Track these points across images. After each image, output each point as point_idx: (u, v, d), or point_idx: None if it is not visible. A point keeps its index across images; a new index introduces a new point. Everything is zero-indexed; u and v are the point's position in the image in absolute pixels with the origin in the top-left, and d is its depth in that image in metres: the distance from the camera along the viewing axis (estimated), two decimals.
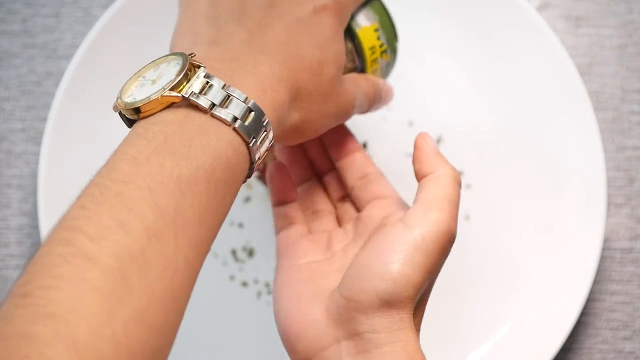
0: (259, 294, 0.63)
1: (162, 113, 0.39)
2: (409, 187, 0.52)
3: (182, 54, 0.41)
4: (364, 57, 0.51)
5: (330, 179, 0.53)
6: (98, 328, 0.32)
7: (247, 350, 0.62)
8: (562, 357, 0.63)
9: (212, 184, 0.38)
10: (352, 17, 0.50)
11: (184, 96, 0.39)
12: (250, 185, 0.64)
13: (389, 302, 0.41)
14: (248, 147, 0.40)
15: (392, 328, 0.41)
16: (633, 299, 0.64)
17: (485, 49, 0.65)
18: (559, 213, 0.62)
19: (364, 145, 0.65)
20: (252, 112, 0.40)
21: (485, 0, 0.65)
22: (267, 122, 0.41)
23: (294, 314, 0.45)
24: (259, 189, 0.64)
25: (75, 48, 0.67)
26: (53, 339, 0.31)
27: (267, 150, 0.42)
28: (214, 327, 0.62)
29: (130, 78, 0.42)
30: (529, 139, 0.64)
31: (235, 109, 0.40)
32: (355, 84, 0.49)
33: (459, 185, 0.45)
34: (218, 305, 0.63)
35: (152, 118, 0.39)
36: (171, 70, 0.41)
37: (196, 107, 0.39)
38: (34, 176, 0.66)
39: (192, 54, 0.42)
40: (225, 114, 0.39)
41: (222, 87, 0.40)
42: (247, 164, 0.41)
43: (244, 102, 0.40)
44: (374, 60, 0.51)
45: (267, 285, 0.63)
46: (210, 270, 0.63)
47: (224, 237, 0.60)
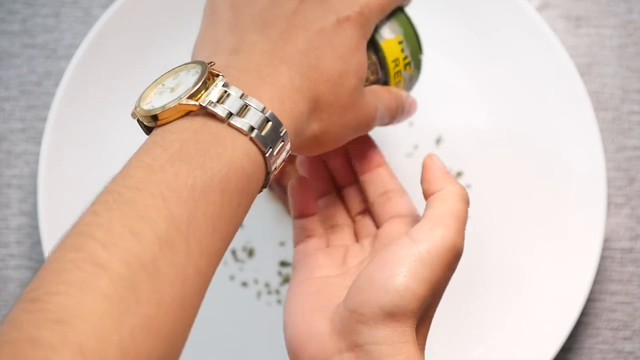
0: (259, 294, 0.63)
1: (179, 121, 0.39)
2: (408, 187, 0.52)
3: (201, 63, 0.41)
4: (387, 69, 0.50)
5: (350, 192, 0.53)
6: (105, 335, 0.32)
7: (247, 350, 0.62)
8: (562, 357, 0.63)
9: (227, 193, 0.37)
10: (376, 29, 0.50)
11: (201, 105, 0.39)
12: None
13: (392, 315, 0.41)
14: (264, 157, 0.40)
15: (394, 341, 0.41)
16: (633, 299, 0.64)
17: (485, 49, 0.65)
18: (559, 213, 0.62)
19: None
20: (269, 122, 0.40)
21: (485, 0, 0.65)
22: (284, 133, 0.41)
23: (299, 325, 0.45)
24: None
25: (75, 48, 0.67)
26: (60, 345, 0.31)
27: (284, 160, 0.42)
28: (214, 327, 0.62)
29: (149, 85, 0.42)
30: (529, 139, 0.64)
31: (252, 118, 0.39)
32: (377, 96, 0.49)
33: (466, 203, 0.45)
34: (218, 305, 0.63)
35: (169, 126, 0.39)
36: (190, 78, 0.41)
37: (213, 116, 0.39)
38: (34, 176, 0.66)
39: (212, 62, 0.42)
40: (242, 124, 0.39)
41: (240, 97, 0.40)
42: (263, 174, 0.41)
43: (261, 111, 0.40)
44: (397, 73, 0.51)
45: (267, 285, 0.63)
46: None
47: None
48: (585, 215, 0.61)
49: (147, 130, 0.41)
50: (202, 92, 0.39)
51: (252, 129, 0.39)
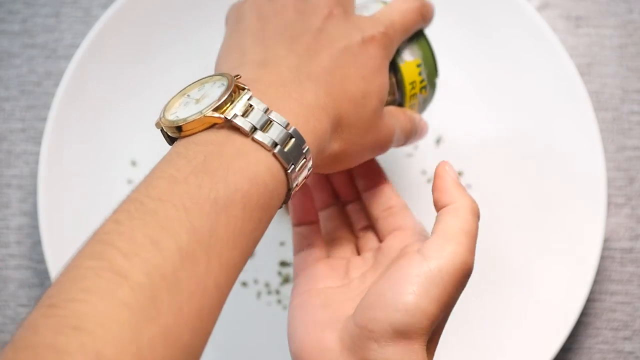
0: (258, 294, 0.63)
1: (203, 133, 0.39)
2: (408, 188, 0.52)
3: (227, 75, 0.41)
4: (404, 91, 0.50)
5: (353, 209, 0.53)
6: (123, 344, 0.32)
7: (247, 350, 0.62)
8: (562, 357, 0.63)
9: (248, 208, 0.38)
10: (397, 51, 0.50)
11: (226, 118, 0.39)
12: None
13: (402, 333, 0.41)
14: (286, 174, 0.40)
15: (404, 358, 0.41)
16: (633, 299, 0.64)
17: (485, 49, 0.65)
18: (559, 213, 0.62)
19: None
20: (292, 139, 0.40)
21: (485, 0, 0.65)
22: (307, 150, 0.41)
23: (307, 340, 0.45)
24: None
25: (75, 48, 0.67)
26: (77, 351, 0.31)
27: (306, 178, 0.42)
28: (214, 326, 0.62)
29: (174, 96, 0.42)
30: (529, 139, 0.64)
31: (275, 134, 0.39)
32: (395, 117, 0.49)
33: (477, 218, 0.44)
34: None
35: (193, 137, 0.39)
36: (216, 90, 0.41)
37: (237, 130, 0.39)
38: (34, 176, 0.66)
39: (238, 75, 0.42)
40: (266, 139, 0.39)
41: (265, 112, 0.40)
42: (284, 190, 0.40)
43: (285, 128, 0.40)
44: (413, 95, 0.51)
45: (267, 285, 0.63)
46: None
47: None
48: (585, 216, 0.61)
49: (170, 140, 0.41)
50: (227, 105, 0.40)
51: (275, 144, 0.39)
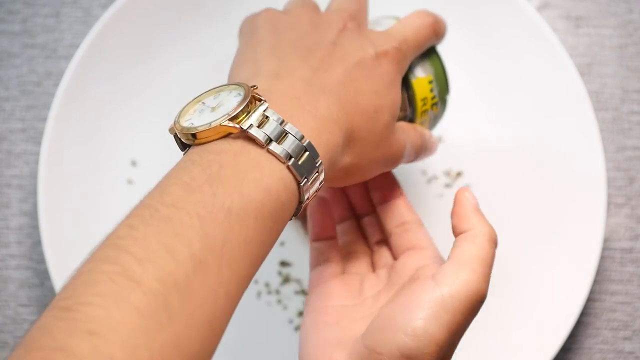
0: (258, 294, 0.63)
1: (218, 142, 0.39)
2: (408, 189, 0.52)
3: (244, 85, 0.41)
4: (415, 107, 0.50)
5: (369, 222, 0.53)
6: (136, 350, 0.32)
7: (247, 349, 0.62)
8: (562, 357, 0.63)
9: (260, 219, 0.38)
10: (410, 67, 0.50)
11: (242, 128, 0.39)
12: None
13: (409, 357, 0.41)
14: (299, 187, 0.40)
15: None
16: (633, 299, 0.64)
17: (485, 49, 0.65)
18: (559, 213, 0.62)
19: None
20: (306, 152, 0.40)
21: (485, 0, 0.65)
22: (320, 163, 0.41)
23: (317, 358, 0.45)
24: None
25: (75, 48, 0.67)
26: (90, 355, 0.31)
27: (317, 191, 0.42)
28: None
29: (189, 102, 0.42)
30: (529, 139, 0.64)
31: (290, 146, 0.40)
32: (406, 133, 0.49)
33: (494, 246, 0.44)
34: None
35: (207, 146, 0.39)
36: (232, 100, 0.41)
37: (253, 140, 0.39)
38: (34, 176, 0.66)
39: (254, 86, 0.42)
40: (280, 151, 0.39)
41: (280, 123, 0.40)
42: (295, 203, 0.41)
43: (299, 140, 0.40)
44: (424, 112, 0.51)
45: (267, 285, 0.63)
46: None
47: None
48: (585, 215, 0.61)
49: (183, 146, 0.41)
50: (243, 115, 0.40)
51: (289, 157, 0.39)
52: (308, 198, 0.41)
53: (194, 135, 0.40)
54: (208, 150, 0.39)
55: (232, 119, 0.39)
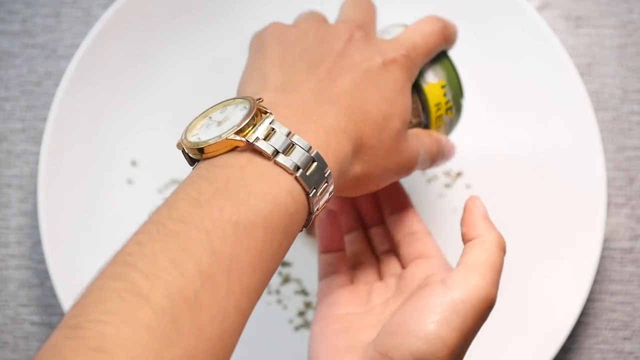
0: None
1: (225, 156, 0.39)
2: (410, 188, 0.52)
3: (249, 98, 0.41)
4: (429, 113, 0.50)
5: (377, 232, 0.53)
6: None
7: (246, 349, 0.62)
8: (562, 357, 0.63)
9: (269, 231, 0.38)
10: (420, 73, 0.50)
11: (248, 141, 0.39)
12: None
13: None
14: (308, 198, 0.40)
15: None
16: (633, 299, 0.64)
17: (485, 49, 0.65)
18: (559, 213, 0.62)
19: None
20: (314, 163, 0.40)
21: (485, 0, 0.65)
22: (328, 174, 0.41)
23: None
24: None
25: (75, 48, 0.67)
26: None
27: (327, 201, 0.42)
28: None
29: (196, 117, 0.42)
30: (529, 139, 0.64)
31: (297, 157, 0.39)
32: (419, 140, 0.49)
33: (503, 253, 0.45)
34: None
35: (215, 160, 0.39)
36: (238, 113, 0.41)
37: (259, 153, 0.39)
38: (34, 176, 0.66)
39: (260, 99, 0.42)
40: (288, 162, 0.39)
41: (287, 135, 0.40)
42: (305, 214, 0.40)
43: (307, 151, 0.40)
44: (439, 117, 0.51)
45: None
46: None
47: None
48: (585, 215, 0.61)
49: (191, 161, 0.41)
50: (249, 128, 0.40)
51: (297, 168, 0.39)
52: (318, 209, 0.41)
53: (201, 150, 0.40)
54: (215, 164, 0.39)
55: (238, 133, 0.39)
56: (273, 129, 0.40)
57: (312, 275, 0.63)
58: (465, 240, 0.45)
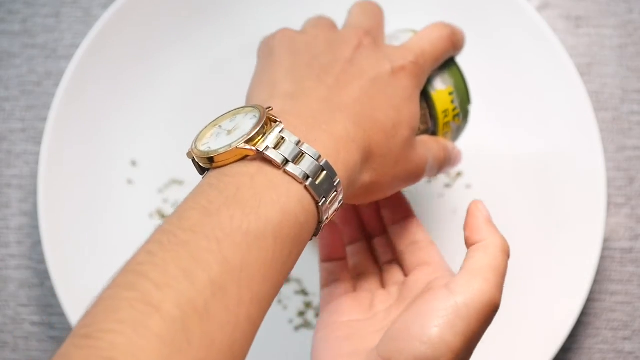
0: None
1: (235, 165, 0.39)
2: (407, 188, 0.52)
3: (259, 107, 0.41)
4: (437, 120, 0.50)
5: (379, 242, 0.53)
6: None
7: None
8: (562, 357, 0.63)
9: (279, 240, 0.38)
10: (429, 79, 0.50)
11: (258, 150, 0.39)
12: None
13: None
14: (317, 207, 0.40)
15: None
16: (633, 299, 0.64)
17: (485, 49, 0.65)
18: (559, 213, 0.62)
19: None
20: (324, 172, 0.40)
21: (485, 1, 0.65)
22: (338, 182, 0.41)
23: None
24: None
25: (75, 48, 0.67)
26: None
27: (337, 210, 0.42)
28: None
29: (206, 126, 0.42)
30: (529, 139, 0.64)
31: (307, 166, 0.40)
32: (427, 147, 0.49)
33: (507, 257, 0.44)
34: None
35: (225, 169, 0.39)
36: (247, 122, 0.41)
37: (269, 162, 0.39)
38: (34, 176, 0.66)
39: (270, 107, 0.42)
40: (297, 171, 0.39)
41: (296, 144, 0.40)
42: (314, 223, 0.41)
43: (316, 160, 0.40)
44: (446, 124, 0.51)
45: None
46: None
47: None
48: (585, 215, 0.61)
49: (201, 171, 0.41)
50: (259, 137, 0.40)
51: (306, 177, 0.39)
52: (327, 218, 0.41)
53: (211, 159, 0.40)
54: (225, 173, 0.39)
55: (248, 142, 0.39)
56: (283, 137, 0.40)
57: (312, 275, 0.63)
58: (468, 244, 0.45)
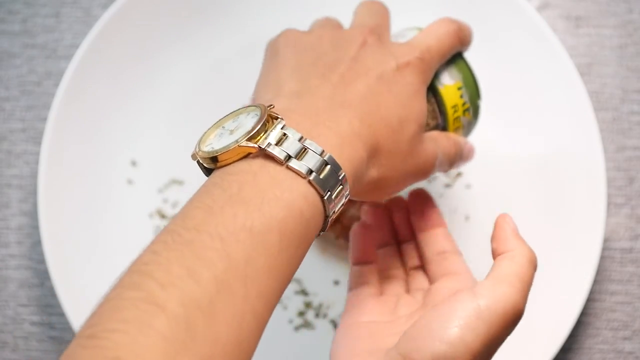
0: None
1: (238, 163, 0.40)
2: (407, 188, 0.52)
3: (261, 106, 0.41)
4: (446, 115, 0.50)
5: (408, 248, 0.53)
6: None
7: None
8: (562, 357, 0.63)
9: (285, 236, 0.38)
10: (436, 75, 0.50)
11: (260, 147, 0.39)
12: None
13: None
14: (323, 201, 0.40)
15: None
16: (633, 299, 0.64)
17: (485, 50, 0.65)
18: (559, 213, 0.62)
19: None
20: (327, 166, 0.40)
21: (485, 1, 0.65)
22: (342, 177, 0.41)
23: None
24: None
25: (75, 48, 0.67)
26: None
27: (343, 205, 0.42)
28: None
29: (209, 128, 0.42)
30: (529, 139, 0.64)
31: (310, 161, 0.40)
32: (436, 142, 0.49)
33: (534, 268, 0.44)
34: None
35: (228, 168, 0.40)
36: (249, 121, 0.41)
37: (272, 158, 0.39)
38: (34, 176, 0.66)
39: (271, 105, 0.42)
40: (300, 166, 0.39)
41: (299, 140, 0.40)
42: (321, 218, 0.40)
43: (319, 155, 0.40)
44: (456, 119, 0.51)
45: None
46: None
47: None
48: (585, 215, 0.61)
49: (207, 172, 0.41)
50: (261, 135, 0.40)
51: (310, 172, 0.39)
52: (334, 212, 0.41)
53: (214, 159, 0.40)
54: (228, 172, 0.39)
55: (250, 139, 0.39)
56: (285, 134, 0.40)
57: (312, 276, 0.63)
58: (495, 255, 0.45)
